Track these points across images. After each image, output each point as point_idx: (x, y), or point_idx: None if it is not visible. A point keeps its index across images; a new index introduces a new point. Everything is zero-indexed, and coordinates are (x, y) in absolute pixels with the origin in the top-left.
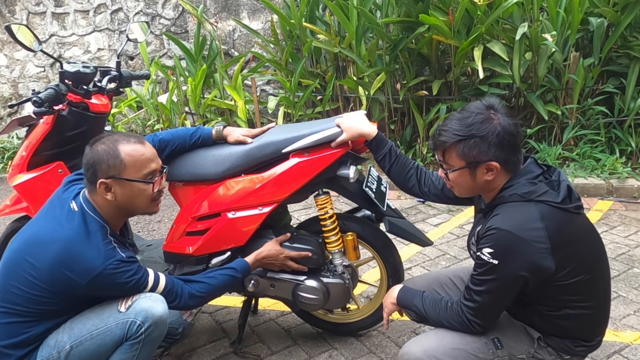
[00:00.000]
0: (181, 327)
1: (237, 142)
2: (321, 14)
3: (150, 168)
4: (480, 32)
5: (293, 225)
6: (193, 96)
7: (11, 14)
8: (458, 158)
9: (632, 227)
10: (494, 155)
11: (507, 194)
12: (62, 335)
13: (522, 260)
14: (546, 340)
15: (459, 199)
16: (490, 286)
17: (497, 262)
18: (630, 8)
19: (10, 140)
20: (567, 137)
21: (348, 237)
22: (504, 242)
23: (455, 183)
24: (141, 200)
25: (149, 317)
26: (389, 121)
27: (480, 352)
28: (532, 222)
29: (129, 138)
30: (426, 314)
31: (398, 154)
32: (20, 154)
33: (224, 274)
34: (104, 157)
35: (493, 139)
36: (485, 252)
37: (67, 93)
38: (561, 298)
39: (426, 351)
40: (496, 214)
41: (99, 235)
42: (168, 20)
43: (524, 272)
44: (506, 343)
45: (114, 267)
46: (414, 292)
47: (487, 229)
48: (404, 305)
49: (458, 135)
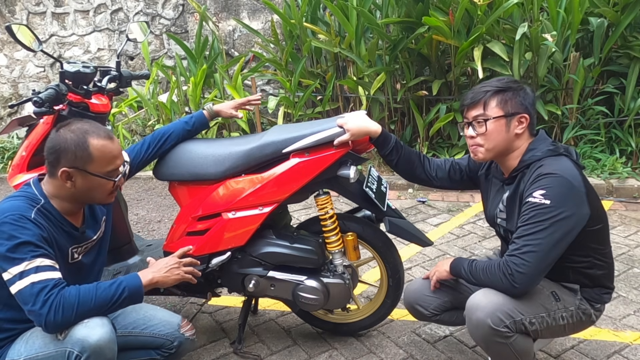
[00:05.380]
0: (177, 341)
1: (231, 117)
2: (321, 14)
3: (115, 165)
4: (481, 32)
5: (293, 225)
6: (193, 96)
7: (11, 14)
8: (497, 107)
9: (632, 227)
10: (526, 109)
11: (538, 152)
12: (19, 345)
13: (571, 203)
14: (581, 291)
15: (463, 183)
16: (541, 228)
17: (549, 202)
18: (630, 8)
19: (10, 140)
20: (567, 137)
21: (348, 237)
22: (556, 184)
23: (488, 137)
24: (99, 193)
25: (85, 347)
26: (389, 121)
27: (546, 302)
28: (572, 170)
29: (99, 131)
30: (472, 275)
31: (402, 146)
32: (20, 154)
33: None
34: (72, 147)
35: (526, 96)
36: (537, 195)
37: (67, 93)
38: (589, 246)
39: (491, 301)
40: (539, 165)
41: (26, 200)
42: (168, 20)
43: (572, 215)
44: (560, 296)
45: (14, 218)
46: (464, 260)
47: (537, 176)
48: (455, 273)
49: (499, 87)
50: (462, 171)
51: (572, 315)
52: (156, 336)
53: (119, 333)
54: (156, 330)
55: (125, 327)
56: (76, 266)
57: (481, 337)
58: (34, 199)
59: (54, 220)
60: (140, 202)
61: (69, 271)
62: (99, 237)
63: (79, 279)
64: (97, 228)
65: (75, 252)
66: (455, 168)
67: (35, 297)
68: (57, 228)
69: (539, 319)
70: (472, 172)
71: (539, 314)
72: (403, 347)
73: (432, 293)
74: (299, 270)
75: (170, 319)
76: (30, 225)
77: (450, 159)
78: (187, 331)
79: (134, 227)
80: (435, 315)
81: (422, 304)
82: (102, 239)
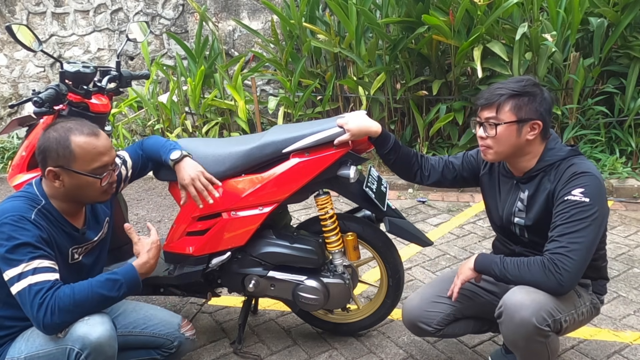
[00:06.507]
0: (177, 341)
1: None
2: (321, 14)
3: (100, 162)
4: (480, 32)
5: (293, 225)
6: (193, 96)
7: (11, 14)
8: (510, 112)
9: (632, 227)
10: (540, 115)
11: (560, 152)
12: (20, 343)
13: (603, 200)
14: (592, 285)
15: (456, 182)
16: (584, 226)
17: (589, 200)
18: (630, 8)
19: (10, 140)
20: (567, 137)
21: (348, 237)
22: (592, 182)
23: (498, 140)
24: (90, 191)
25: (86, 344)
26: (389, 121)
27: (574, 299)
28: (596, 169)
29: (83, 128)
30: (506, 270)
31: (401, 146)
32: (20, 154)
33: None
34: (54, 146)
35: (542, 102)
36: (577, 193)
37: (67, 93)
38: (601, 239)
39: (535, 299)
40: (570, 164)
41: (27, 201)
42: (168, 20)
43: (605, 212)
44: (580, 292)
45: (14, 218)
46: (492, 256)
47: (572, 174)
48: (481, 269)
49: (515, 90)
50: (456, 170)
51: (588, 310)
52: (156, 336)
53: (119, 333)
54: (156, 330)
55: (126, 326)
56: (76, 266)
57: (524, 336)
58: (35, 200)
59: (54, 221)
60: (140, 202)
61: (69, 271)
62: (101, 238)
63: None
64: (99, 229)
65: (75, 252)
66: (449, 167)
67: (32, 300)
68: (57, 229)
69: (570, 316)
70: (466, 171)
71: (570, 311)
72: (403, 347)
73: (433, 308)
74: (299, 270)
75: (170, 319)
76: (30, 226)
77: (444, 157)
78: (187, 331)
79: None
80: (439, 330)
81: (424, 320)
82: (103, 240)
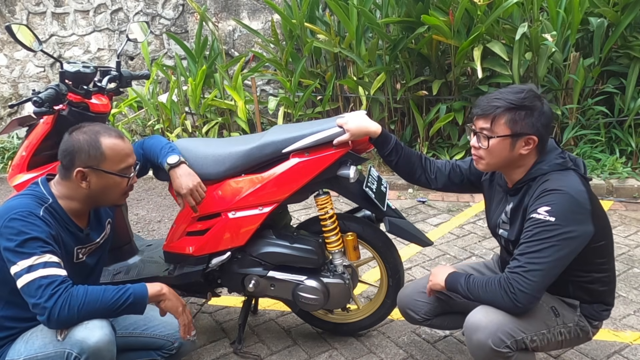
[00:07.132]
0: (177, 342)
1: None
2: (321, 14)
3: (127, 163)
4: (480, 32)
5: (293, 225)
6: (193, 96)
7: (11, 14)
8: (505, 125)
9: (632, 227)
10: (537, 130)
11: (545, 165)
12: (19, 345)
13: (576, 221)
14: (580, 307)
15: (464, 186)
16: (546, 246)
17: (554, 219)
18: (630, 8)
19: (10, 140)
20: (567, 137)
21: (348, 237)
22: (561, 201)
23: (490, 152)
24: (114, 193)
25: (84, 348)
26: (389, 121)
27: (546, 318)
28: (578, 185)
29: (110, 131)
30: (469, 291)
31: (403, 147)
32: (20, 154)
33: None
34: (85, 147)
35: (540, 116)
36: (542, 211)
37: (67, 93)
38: (592, 261)
39: (492, 321)
40: (545, 180)
41: (34, 199)
42: (168, 20)
43: (577, 233)
44: (560, 311)
45: (23, 214)
46: (460, 276)
47: (542, 191)
48: (450, 288)
49: (512, 103)
50: (463, 174)
51: (569, 332)
52: (157, 337)
53: (120, 334)
54: (157, 331)
55: (126, 327)
56: (80, 266)
57: (483, 357)
58: (42, 198)
59: (60, 220)
60: (140, 202)
61: (73, 270)
62: (104, 239)
63: (81, 279)
64: (101, 231)
65: (79, 252)
66: (456, 171)
67: (43, 291)
68: (62, 228)
69: (540, 335)
70: (474, 175)
71: (540, 331)
72: (403, 347)
73: (423, 298)
74: (299, 270)
75: (170, 320)
76: (39, 222)
77: (451, 161)
78: None
79: (134, 227)
80: (427, 320)
81: (413, 308)
82: (106, 241)
